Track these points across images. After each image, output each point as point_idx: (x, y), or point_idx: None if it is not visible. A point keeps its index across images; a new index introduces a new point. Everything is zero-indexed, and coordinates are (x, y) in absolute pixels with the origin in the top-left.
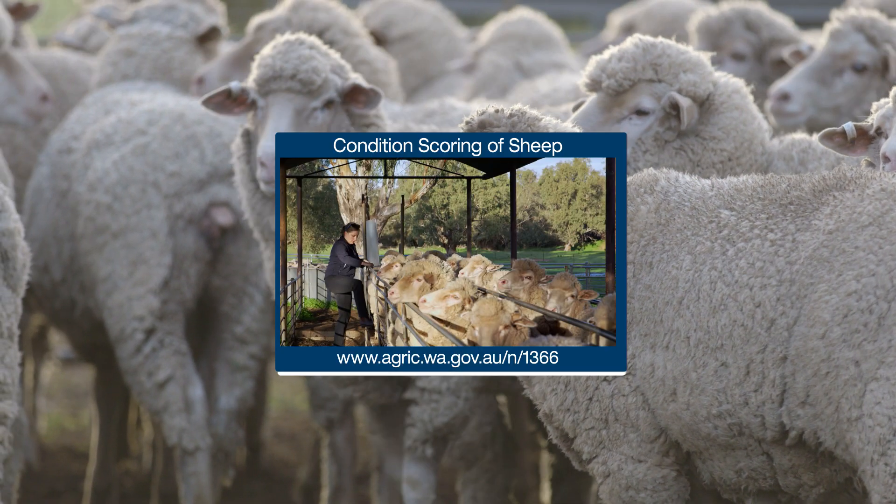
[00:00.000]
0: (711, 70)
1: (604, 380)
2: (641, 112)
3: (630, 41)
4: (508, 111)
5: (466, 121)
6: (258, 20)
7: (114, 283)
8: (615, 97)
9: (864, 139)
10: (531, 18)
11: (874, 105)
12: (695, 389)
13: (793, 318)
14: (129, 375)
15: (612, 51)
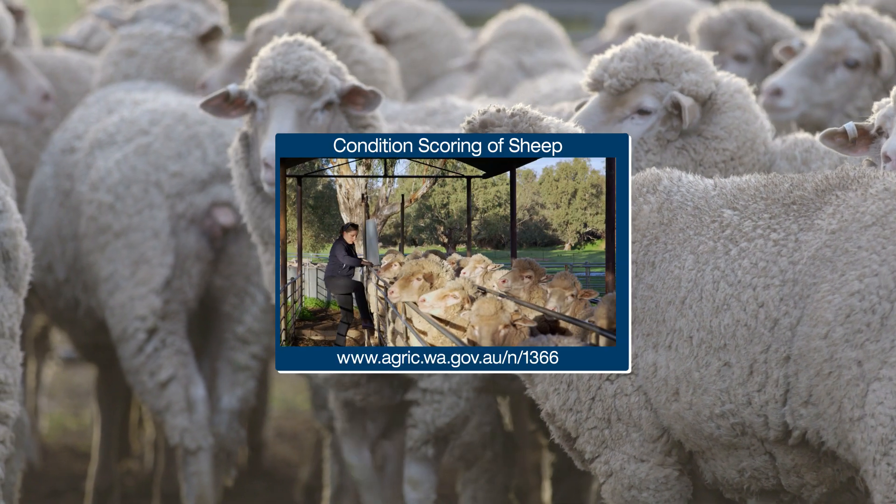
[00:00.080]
0: (714, 70)
1: (606, 379)
2: (643, 111)
3: (632, 41)
4: (510, 111)
5: (468, 120)
6: (256, 24)
7: (116, 283)
8: (617, 96)
9: (866, 139)
10: (533, 17)
11: (875, 105)
12: (697, 389)
13: (796, 318)
14: (132, 375)
15: (615, 50)
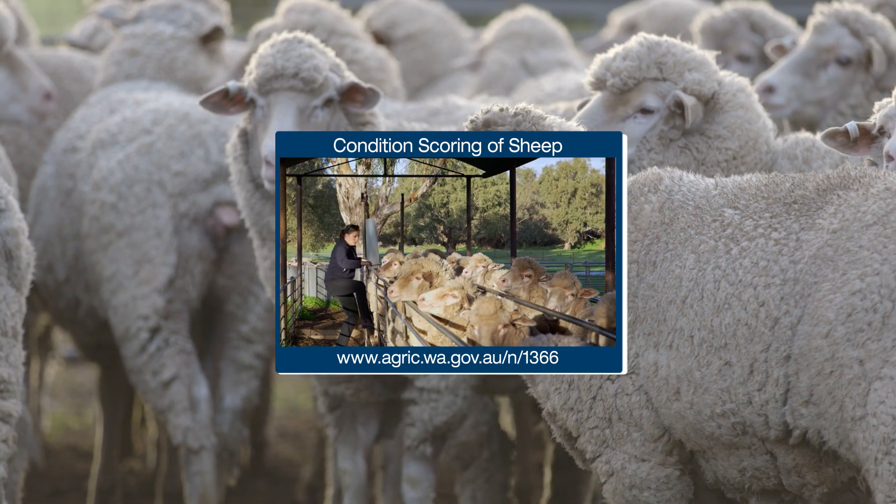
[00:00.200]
0: (716, 69)
1: (607, 379)
2: (646, 111)
3: (635, 40)
4: (513, 110)
5: (471, 119)
6: (256, 28)
7: (119, 283)
8: (620, 96)
9: (867, 138)
10: (536, 17)
11: (876, 105)
12: (698, 388)
13: (797, 317)
14: (134, 374)
15: (617, 49)
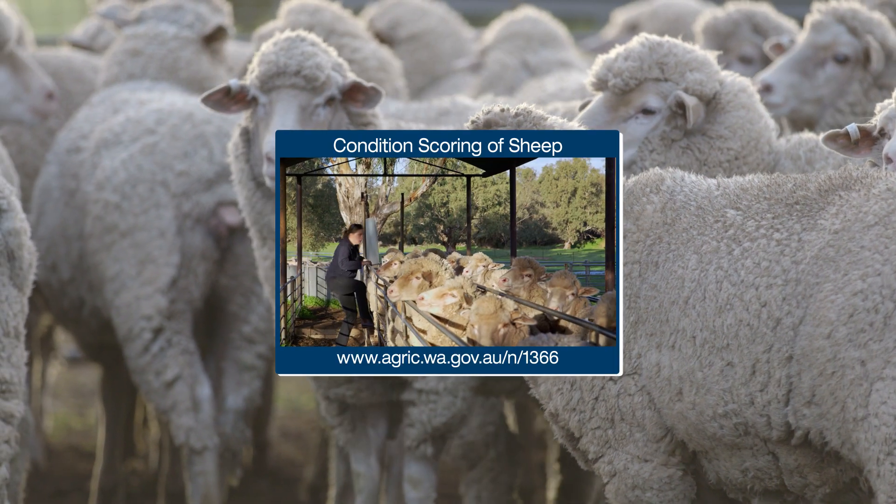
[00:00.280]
0: (718, 69)
1: (610, 379)
2: (648, 111)
3: (636, 40)
4: (514, 110)
5: (472, 119)
6: (259, 32)
7: (122, 283)
8: (621, 96)
9: (868, 140)
10: (537, 17)
11: (878, 106)
12: (701, 389)
13: (798, 318)
14: (137, 374)
15: (619, 50)
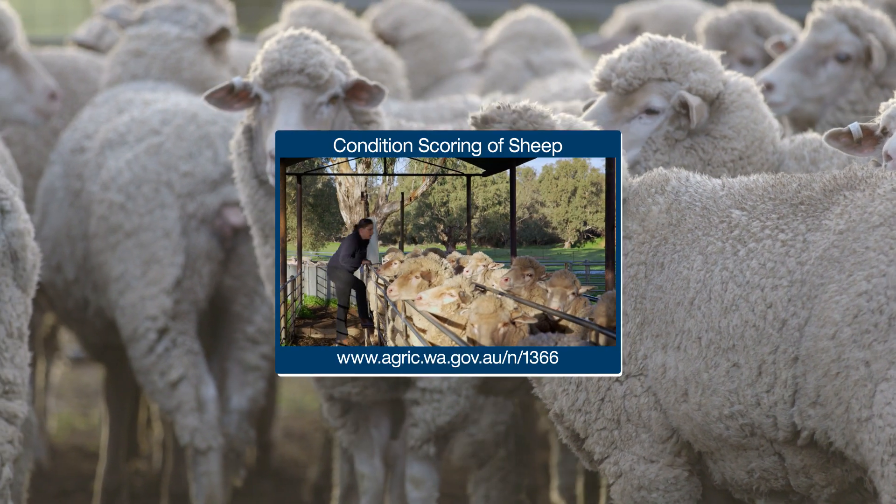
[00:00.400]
0: (721, 69)
1: (615, 380)
2: (651, 111)
3: (640, 40)
4: (512, 108)
5: (472, 116)
6: (263, 35)
7: (126, 283)
8: (625, 96)
9: (871, 139)
10: (540, 17)
11: (882, 105)
12: (706, 390)
13: (804, 319)
14: (142, 375)
15: (622, 50)
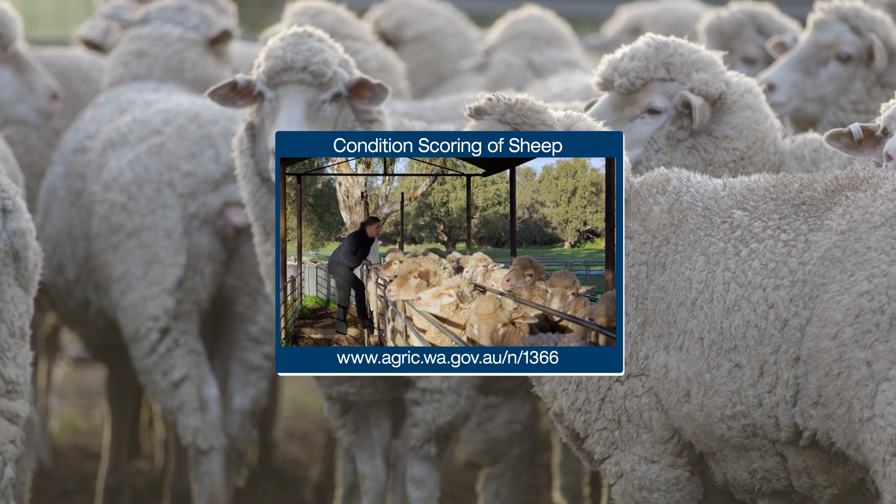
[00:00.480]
0: (724, 69)
1: (616, 380)
2: (653, 111)
3: (642, 40)
4: (504, 100)
5: (468, 106)
6: (265, 35)
7: (128, 283)
8: (627, 96)
9: (872, 140)
10: (541, 17)
11: (882, 105)
12: (708, 390)
13: (805, 319)
14: (144, 375)
15: (624, 50)
